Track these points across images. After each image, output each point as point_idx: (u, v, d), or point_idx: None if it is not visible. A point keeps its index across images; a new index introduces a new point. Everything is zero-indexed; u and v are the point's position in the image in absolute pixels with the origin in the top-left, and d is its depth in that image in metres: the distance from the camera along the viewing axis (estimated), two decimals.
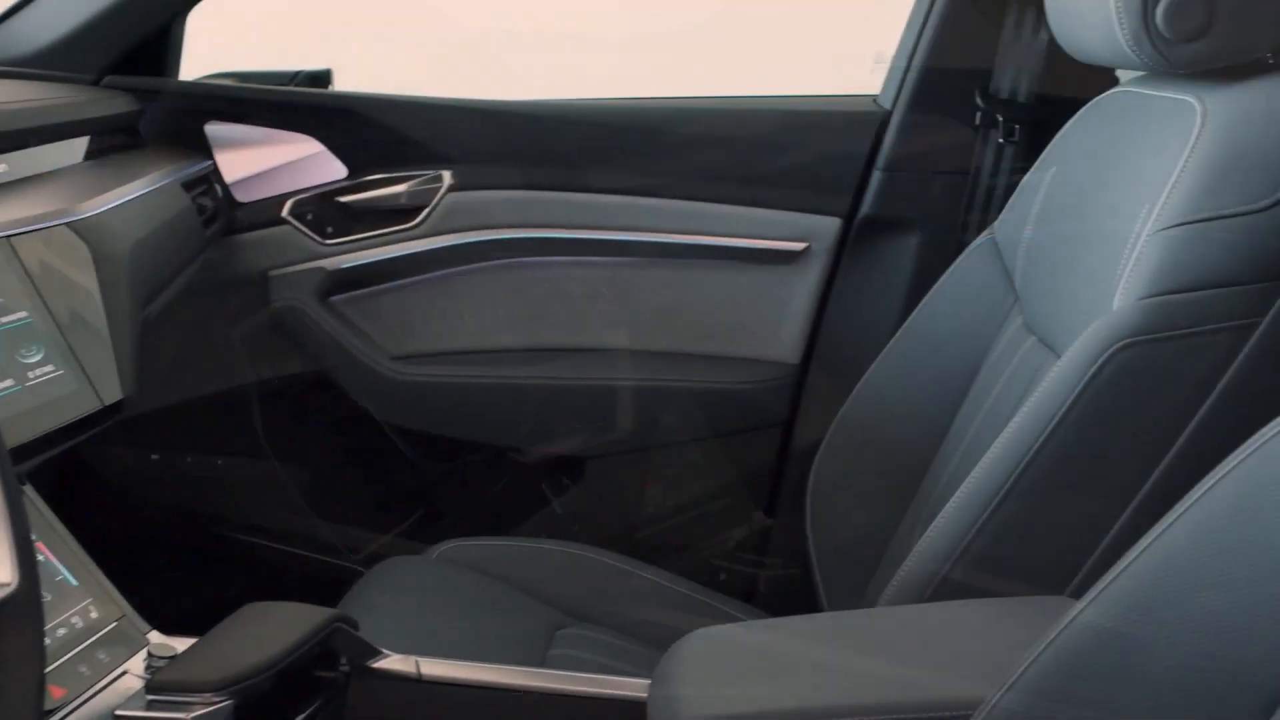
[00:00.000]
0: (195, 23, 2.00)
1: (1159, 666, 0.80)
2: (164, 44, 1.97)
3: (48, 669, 1.13)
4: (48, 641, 1.16)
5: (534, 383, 2.06)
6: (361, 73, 2.28)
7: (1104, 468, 1.27)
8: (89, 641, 1.21)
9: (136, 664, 1.20)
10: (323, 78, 2.13)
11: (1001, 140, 1.94)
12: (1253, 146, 1.25)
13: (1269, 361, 1.24)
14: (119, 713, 1.14)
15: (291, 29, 3.19)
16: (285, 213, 2.03)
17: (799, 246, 2.04)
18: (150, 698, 1.14)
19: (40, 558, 1.23)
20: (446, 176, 2.03)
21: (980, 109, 1.96)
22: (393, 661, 1.31)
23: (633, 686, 1.33)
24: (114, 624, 1.24)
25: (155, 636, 1.25)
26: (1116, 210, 1.35)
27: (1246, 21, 1.29)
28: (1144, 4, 1.29)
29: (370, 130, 2.02)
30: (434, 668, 1.32)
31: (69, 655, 1.18)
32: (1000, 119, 1.94)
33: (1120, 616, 0.83)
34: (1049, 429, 1.26)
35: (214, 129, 2.00)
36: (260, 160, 2.04)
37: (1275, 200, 1.23)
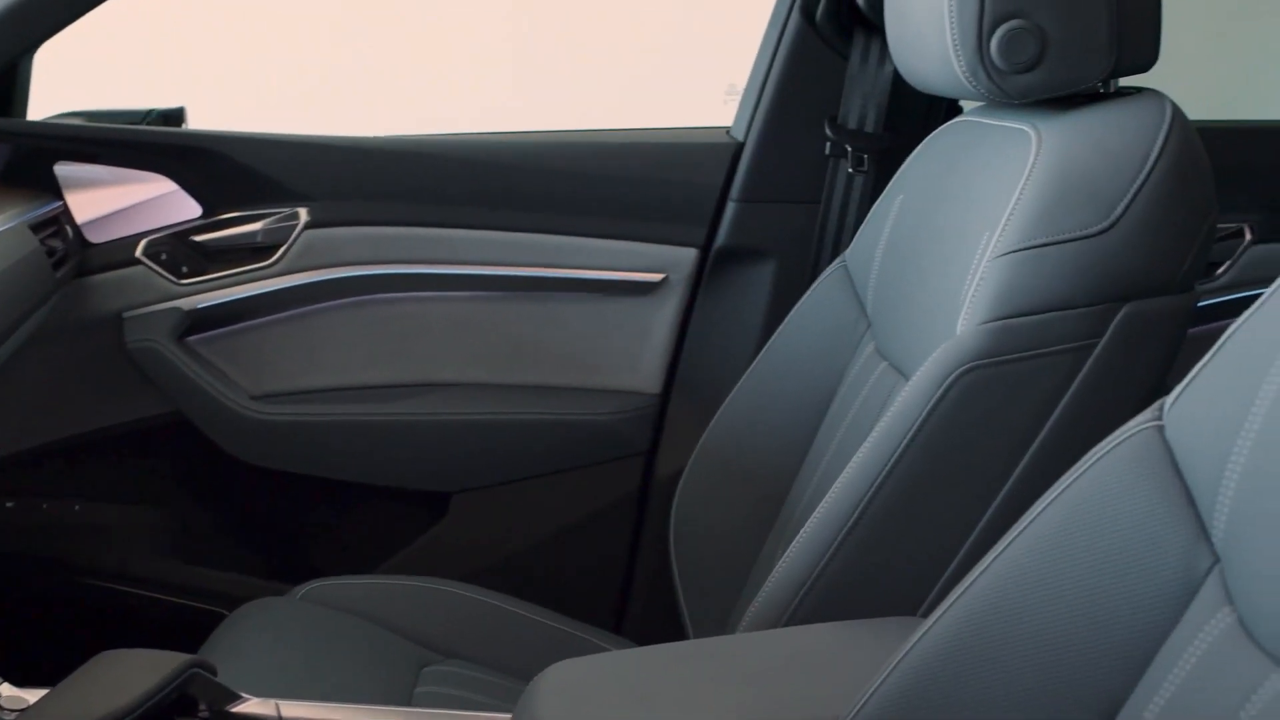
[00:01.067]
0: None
1: (997, 684, 0.83)
2: (10, 83, 1.94)
3: None
4: None
5: (396, 419, 2.06)
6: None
7: (952, 490, 1.30)
8: None
9: None
10: (175, 116, 2.10)
11: (851, 170, 1.98)
12: (1085, 173, 1.29)
13: (1106, 380, 1.28)
14: None
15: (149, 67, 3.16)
16: (139, 253, 2.00)
17: (656, 278, 2.06)
18: None
19: None
20: (302, 214, 2.01)
21: (830, 139, 2.00)
22: (252, 706, 1.29)
23: None
24: None
25: (6, 689, 1.22)
26: (959, 236, 1.39)
27: (1076, 53, 1.33)
28: (979, 37, 1.32)
29: (224, 168, 2.00)
30: (295, 710, 1.31)
31: None
32: (849, 149, 1.98)
33: (961, 635, 0.86)
34: (897, 453, 1.28)
35: (64, 169, 1.96)
36: (112, 200, 2.01)
37: (1109, 224, 1.27)
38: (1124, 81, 1.40)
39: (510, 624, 1.78)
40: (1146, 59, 1.37)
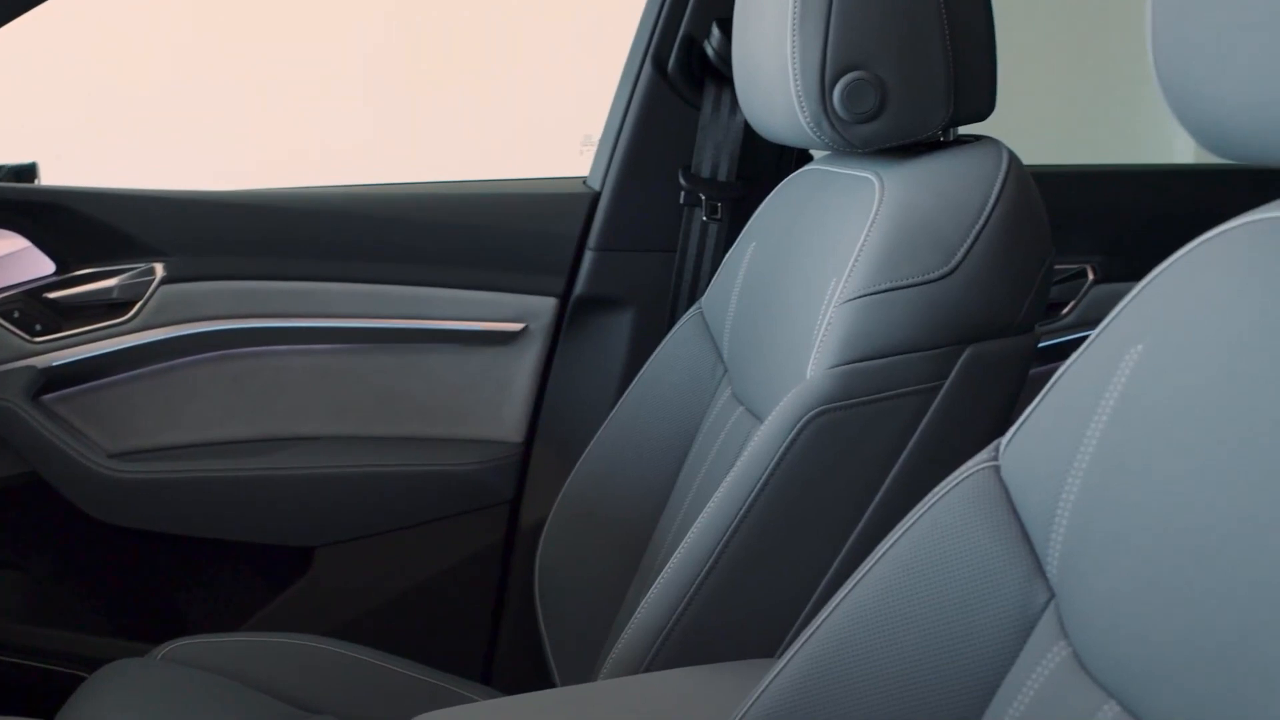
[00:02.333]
0: None
1: None
2: None
3: None
4: None
5: (257, 474, 2.04)
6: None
7: (805, 532, 1.32)
8: None
9: None
10: (27, 172, 2.08)
11: (705, 218, 2.01)
12: (926, 219, 1.33)
13: (952, 421, 1.32)
14: None
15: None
16: None
17: (517, 327, 2.07)
18: None
19: None
20: (159, 269, 2.00)
21: (684, 188, 2.02)
22: None
23: None
24: None
25: None
26: (808, 282, 1.42)
27: (916, 103, 1.37)
28: (821, 88, 1.36)
29: (78, 224, 1.98)
30: None
31: None
32: (703, 198, 2.01)
33: (810, 676, 0.88)
34: (751, 497, 1.31)
35: None
36: None
37: (950, 269, 1.31)
38: (963, 130, 1.45)
39: (377, 677, 1.76)
40: (983, 109, 1.41)
